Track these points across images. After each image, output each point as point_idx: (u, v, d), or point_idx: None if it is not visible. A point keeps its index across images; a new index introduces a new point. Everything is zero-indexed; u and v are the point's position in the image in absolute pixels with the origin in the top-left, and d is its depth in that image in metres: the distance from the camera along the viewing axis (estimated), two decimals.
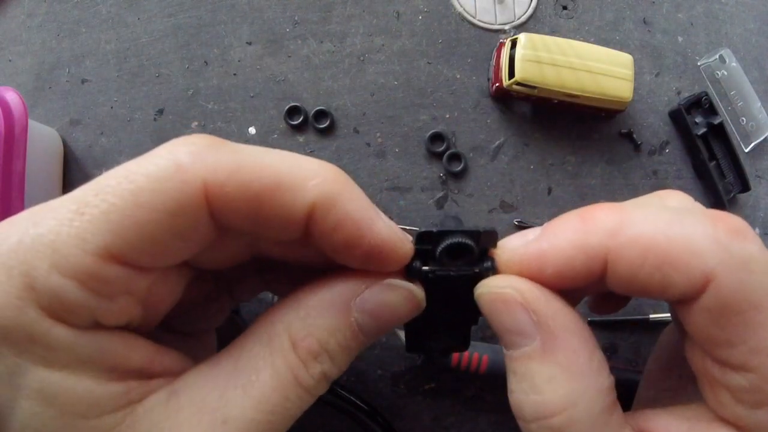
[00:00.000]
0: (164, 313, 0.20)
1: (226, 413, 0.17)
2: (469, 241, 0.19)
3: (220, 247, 0.19)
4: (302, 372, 0.18)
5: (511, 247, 0.20)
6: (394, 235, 0.18)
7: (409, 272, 0.20)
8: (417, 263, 0.19)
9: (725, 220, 0.17)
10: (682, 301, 0.18)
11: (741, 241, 0.16)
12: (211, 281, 0.23)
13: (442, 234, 0.19)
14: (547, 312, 0.19)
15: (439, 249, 0.19)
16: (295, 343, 0.18)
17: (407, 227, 0.37)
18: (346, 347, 0.19)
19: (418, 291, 0.20)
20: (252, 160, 0.16)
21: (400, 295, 0.19)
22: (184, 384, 0.18)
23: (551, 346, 0.19)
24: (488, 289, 0.20)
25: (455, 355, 0.34)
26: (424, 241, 0.19)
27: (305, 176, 0.17)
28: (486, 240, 0.20)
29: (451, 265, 0.20)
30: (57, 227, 0.16)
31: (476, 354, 0.34)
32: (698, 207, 0.21)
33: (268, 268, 0.24)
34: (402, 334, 0.34)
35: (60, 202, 0.16)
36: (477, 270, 0.20)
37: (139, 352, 0.18)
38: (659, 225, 0.17)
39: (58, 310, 0.16)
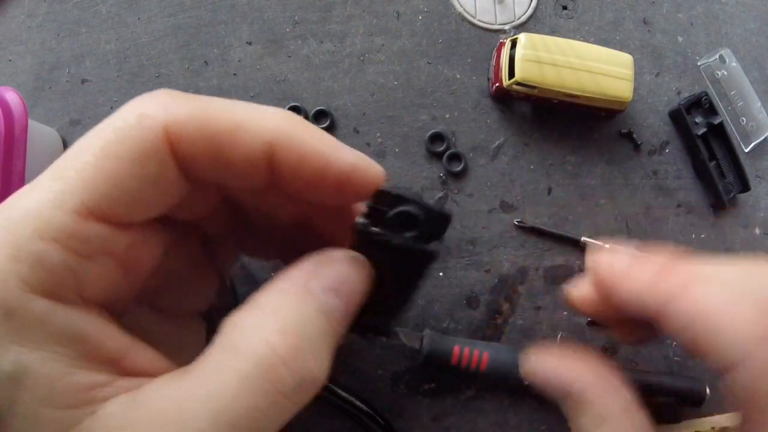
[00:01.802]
0: (144, 278, 0.20)
1: (184, 423, 0.16)
2: (420, 214, 0.20)
3: (192, 200, 0.20)
4: (273, 372, 0.16)
5: (603, 261, 0.24)
6: (362, 159, 0.19)
7: (357, 230, 0.20)
8: (365, 221, 0.20)
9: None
10: (719, 372, 0.19)
11: None
12: (192, 248, 0.24)
13: (399, 198, 0.19)
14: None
15: (391, 213, 0.19)
16: (268, 343, 0.16)
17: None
18: (322, 335, 0.18)
19: (360, 256, 0.20)
20: (211, 107, 0.17)
21: (351, 264, 0.19)
22: (145, 393, 0.17)
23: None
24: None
25: (455, 354, 0.34)
26: (379, 200, 0.20)
27: (262, 117, 0.17)
28: (439, 221, 0.20)
29: (397, 234, 0.20)
30: (38, 196, 0.16)
31: (476, 351, 0.34)
32: None
33: (245, 231, 0.25)
34: (402, 334, 0.34)
35: (42, 175, 0.17)
36: (425, 249, 0.20)
37: (113, 339, 0.17)
38: (710, 305, 0.19)
39: (40, 280, 0.15)
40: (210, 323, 0.26)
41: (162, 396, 0.16)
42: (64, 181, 0.16)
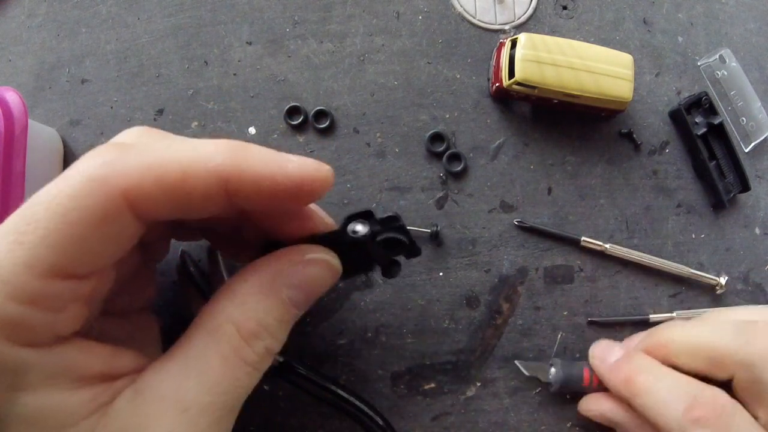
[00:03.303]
0: (104, 299, 0.22)
1: (185, 402, 0.19)
2: (407, 243, 0.25)
3: (152, 234, 0.22)
4: (247, 351, 0.21)
5: (595, 356, 0.34)
6: (306, 166, 0.20)
7: (343, 232, 0.24)
8: (363, 230, 0.24)
9: (695, 410, 0.26)
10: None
11: (698, 428, 0.25)
12: (136, 255, 0.25)
13: (394, 226, 0.25)
14: None
15: (384, 236, 0.24)
16: (238, 328, 0.21)
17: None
18: (282, 321, 0.22)
19: (334, 260, 0.24)
20: (158, 158, 0.18)
21: (319, 266, 0.23)
22: (145, 381, 0.20)
23: None
24: None
25: (586, 377, 0.35)
26: (376, 221, 0.24)
27: (208, 154, 0.19)
28: (412, 251, 0.27)
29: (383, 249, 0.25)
30: (6, 262, 0.17)
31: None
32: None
33: (218, 240, 0.29)
34: (523, 367, 0.37)
35: (3, 237, 0.18)
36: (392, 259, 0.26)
37: (98, 357, 0.20)
38: (651, 403, 0.28)
39: (20, 335, 0.17)
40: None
41: (160, 381, 0.20)
42: (26, 246, 0.17)
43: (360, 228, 0.23)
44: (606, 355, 0.33)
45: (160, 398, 0.19)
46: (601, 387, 0.35)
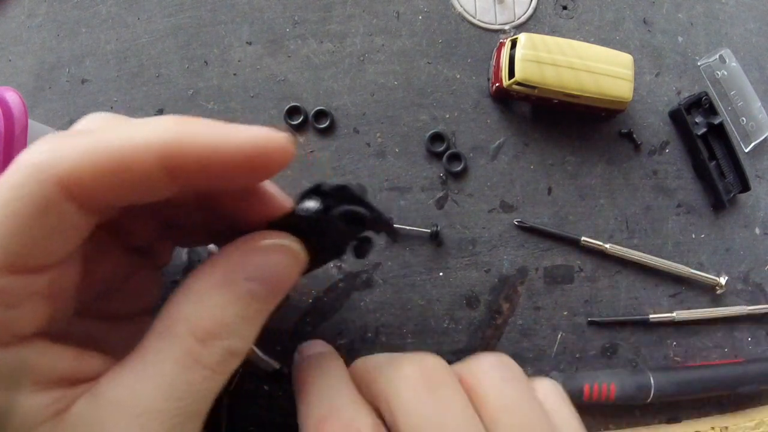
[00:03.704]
0: (74, 294, 0.21)
1: (138, 408, 0.18)
2: (367, 216, 0.21)
3: (143, 235, 0.22)
4: (203, 353, 0.19)
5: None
6: (258, 134, 0.19)
7: (295, 212, 0.21)
8: (314, 206, 0.21)
9: (325, 424, 0.22)
10: None
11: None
12: (123, 254, 0.24)
13: (350, 197, 0.21)
14: None
15: (339, 210, 0.21)
16: (192, 327, 0.19)
17: (408, 227, 0.38)
18: (245, 318, 0.20)
19: (293, 245, 0.21)
20: (95, 142, 0.17)
21: (278, 253, 0.21)
22: (101, 386, 0.19)
23: None
24: None
25: (586, 392, 0.35)
26: (330, 194, 0.21)
27: (147, 132, 0.18)
28: (381, 225, 0.23)
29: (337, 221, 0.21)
30: None
31: (605, 385, 0.35)
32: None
33: (173, 228, 0.26)
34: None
35: None
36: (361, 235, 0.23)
37: (61, 360, 0.19)
38: (303, 405, 0.24)
39: None
40: None
41: (117, 386, 0.19)
42: None
43: (311, 204, 0.21)
44: (307, 349, 0.29)
45: (116, 404, 0.18)
46: (601, 401, 0.35)
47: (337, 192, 0.21)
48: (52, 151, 0.17)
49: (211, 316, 0.19)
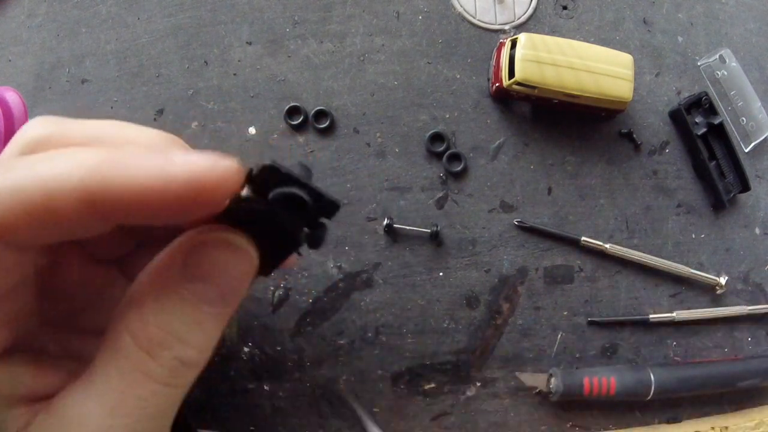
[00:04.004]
0: (37, 315, 0.20)
1: (89, 426, 0.17)
2: (309, 199, 0.18)
3: (112, 251, 0.20)
4: (150, 365, 0.17)
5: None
6: (196, 164, 0.16)
7: (234, 202, 0.18)
8: (248, 195, 0.18)
9: None
10: None
11: None
12: (94, 269, 0.23)
13: (285, 178, 0.18)
14: None
15: (275, 193, 0.18)
16: (135, 337, 0.17)
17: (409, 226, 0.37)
18: (195, 323, 0.18)
19: (237, 239, 0.19)
20: (18, 180, 0.16)
21: (222, 249, 0.19)
22: (56, 404, 0.18)
23: None
24: None
25: (587, 386, 0.35)
26: (265, 177, 0.18)
27: (67, 175, 0.16)
28: (327, 209, 0.19)
29: (279, 204, 0.18)
30: None
31: (605, 379, 0.35)
32: None
33: (146, 240, 0.24)
34: (523, 377, 0.36)
35: None
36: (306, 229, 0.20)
37: (21, 378, 0.18)
38: None
39: None
40: None
41: (68, 404, 0.18)
42: None
43: (243, 192, 0.18)
44: None
45: (67, 422, 0.17)
46: (602, 395, 0.35)
47: (267, 175, 0.18)
48: None
49: (156, 324, 0.18)
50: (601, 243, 0.38)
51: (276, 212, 0.19)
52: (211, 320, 0.19)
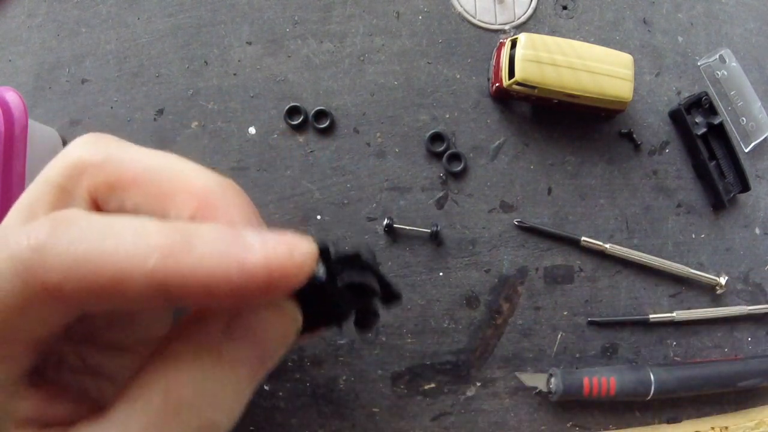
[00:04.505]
0: (57, 340, 0.19)
1: None
2: (377, 289, 0.19)
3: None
4: (176, 425, 0.17)
5: None
6: (275, 255, 0.16)
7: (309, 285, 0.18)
8: (322, 275, 0.18)
9: None
10: None
11: None
12: None
13: (359, 265, 0.19)
14: None
15: (347, 280, 0.18)
16: (166, 394, 0.17)
17: (407, 227, 0.38)
18: (230, 386, 0.17)
19: (290, 307, 0.18)
20: (89, 252, 0.15)
21: (274, 315, 0.18)
22: None
23: None
24: None
25: (586, 386, 0.35)
26: (336, 261, 0.18)
27: (141, 259, 0.15)
28: (389, 297, 0.20)
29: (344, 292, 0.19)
30: None
31: (604, 379, 0.35)
32: None
33: None
34: (522, 378, 0.36)
35: None
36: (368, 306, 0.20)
37: (27, 403, 0.17)
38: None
39: None
40: None
41: None
42: None
43: (317, 270, 0.18)
44: None
45: None
46: (602, 395, 0.35)
47: (348, 260, 0.19)
48: (44, 251, 0.15)
49: (190, 384, 0.17)
50: (601, 243, 0.38)
51: (341, 295, 0.19)
52: (246, 383, 0.18)
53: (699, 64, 0.42)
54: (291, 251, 0.16)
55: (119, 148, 0.19)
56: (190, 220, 0.17)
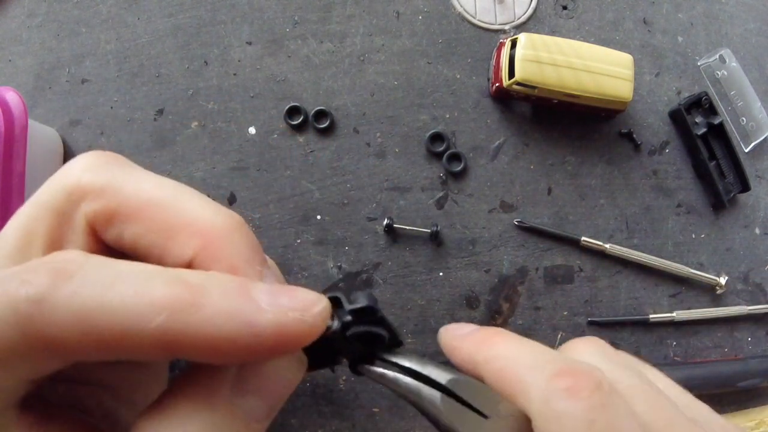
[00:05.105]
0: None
1: None
2: (386, 336, 0.20)
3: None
4: None
5: (446, 333, 0.22)
6: (285, 319, 0.15)
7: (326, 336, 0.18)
8: (337, 327, 0.18)
9: (565, 378, 0.18)
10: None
11: (565, 398, 0.18)
12: None
13: (371, 317, 0.19)
14: None
15: (359, 329, 0.19)
16: None
17: (408, 227, 0.38)
18: None
19: (299, 353, 0.18)
20: (91, 308, 0.15)
21: (284, 362, 0.17)
22: None
23: None
24: None
25: None
26: (346, 311, 0.19)
27: (146, 317, 0.14)
28: (392, 342, 0.21)
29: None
30: None
31: None
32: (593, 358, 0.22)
33: None
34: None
35: None
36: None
37: (19, 430, 0.17)
38: (510, 365, 0.20)
39: None
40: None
41: None
42: None
43: (330, 323, 0.18)
44: (458, 329, 0.25)
45: None
46: None
47: (359, 312, 0.19)
48: (45, 303, 0.15)
49: None
50: (601, 243, 0.38)
51: (350, 344, 0.19)
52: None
53: (699, 64, 0.42)
54: (303, 313, 0.15)
55: (123, 172, 0.18)
56: (192, 259, 0.17)
